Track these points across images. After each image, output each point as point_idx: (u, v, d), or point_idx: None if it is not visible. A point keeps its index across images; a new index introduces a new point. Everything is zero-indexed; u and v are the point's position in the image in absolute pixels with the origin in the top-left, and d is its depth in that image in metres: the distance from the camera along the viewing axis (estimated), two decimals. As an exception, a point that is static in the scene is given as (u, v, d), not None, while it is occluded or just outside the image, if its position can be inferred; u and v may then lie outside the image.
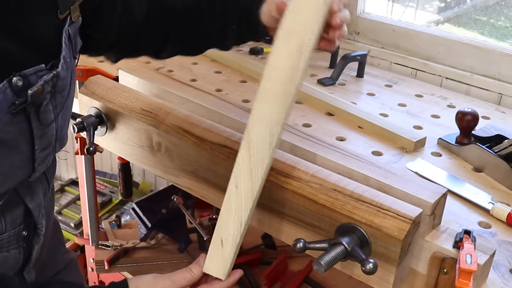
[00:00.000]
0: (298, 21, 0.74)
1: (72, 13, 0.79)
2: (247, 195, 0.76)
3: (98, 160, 2.65)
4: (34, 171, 0.80)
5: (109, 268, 1.61)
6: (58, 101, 0.78)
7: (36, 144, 0.77)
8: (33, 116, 0.74)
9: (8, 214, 0.82)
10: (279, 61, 0.75)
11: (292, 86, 0.74)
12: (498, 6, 1.71)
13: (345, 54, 1.51)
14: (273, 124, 0.75)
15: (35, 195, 0.86)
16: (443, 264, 0.76)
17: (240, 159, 0.77)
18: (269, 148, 0.75)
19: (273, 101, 0.75)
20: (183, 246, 1.65)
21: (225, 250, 0.79)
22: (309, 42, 0.74)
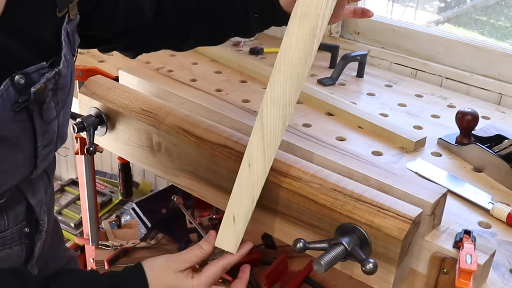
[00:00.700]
0: (311, 5, 0.76)
1: (70, 11, 0.79)
2: (259, 173, 0.79)
3: (98, 160, 2.65)
4: (36, 168, 0.81)
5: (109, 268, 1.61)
6: (59, 98, 0.79)
7: (39, 141, 0.77)
8: (35, 114, 0.75)
9: (11, 211, 0.82)
10: (293, 44, 0.77)
11: (305, 68, 0.77)
12: (498, 6, 1.71)
13: (345, 54, 1.51)
14: (286, 105, 0.77)
15: (37, 192, 0.87)
16: (443, 264, 0.76)
17: (254, 139, 0.79)
18: (282, 129, 0.78)
19: (287, 83, 0.77)
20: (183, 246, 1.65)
21: (237, 226, 0.81)
22: (322, 26, 0.76)
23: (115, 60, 1.60)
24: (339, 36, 1.78)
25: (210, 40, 1.07)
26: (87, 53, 1.64)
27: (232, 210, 0.81)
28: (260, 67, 1.51)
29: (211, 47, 1.66)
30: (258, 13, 0.98)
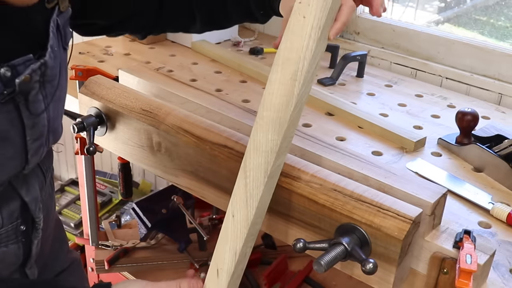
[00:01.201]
0: (293, 49, 0.72)
1: (61, 3, 0.79)
2: (242, 224, 0.76)
3: (98, 160, 2.65)
4: (28, 163, 0.80)
5: (109, 268, 1.61)
6: (48, 91, 0.78)
7: (28, 134, 0.77)
8: (22, 106, 0.74)
9: (5, 208, 0.81)
10: (274, 90, 0.73)
11: (287, 113, 0.72)
12: (498, 6, 1.71)
13: (345, 54, 1.51)
14: (268, 153, 0.73)
15: (31, 188, 0.86)
16: (443, 264, 0.76)
17: (237, 188, 0.76)
18: (264, 176, 0.73)
19: (268, 130, 0.73)
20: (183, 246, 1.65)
21: (221, 280, 0.79)
22: (304, 68, 0.71)
23: (115, 60, 1.60)
24: (339, 36, 1.78)
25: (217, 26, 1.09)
26: (87, 53, 1.64)
27: (216, 263, 0.79)
28: (260, 67, 1.51)
29: (211, 47, 1.66)
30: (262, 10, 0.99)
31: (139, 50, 1.69)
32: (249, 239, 0.77)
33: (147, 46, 1.72)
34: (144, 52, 1.68)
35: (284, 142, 0.74)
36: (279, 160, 0.75)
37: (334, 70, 1.49)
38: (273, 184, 0.76)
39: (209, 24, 1.08)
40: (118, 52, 1.66)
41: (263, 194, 0.75)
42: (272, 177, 0.75)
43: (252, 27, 1.94)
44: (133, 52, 1.67)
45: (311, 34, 0.70)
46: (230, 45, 1.77)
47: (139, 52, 1.67)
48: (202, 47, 1.66)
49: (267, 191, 0.75)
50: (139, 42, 1.75)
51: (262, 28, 1.93)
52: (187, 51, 1.68)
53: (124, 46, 1.73)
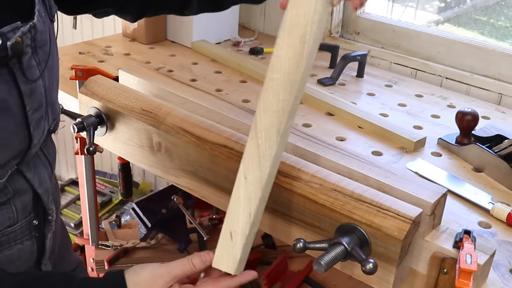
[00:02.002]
0: (300, 14, 0.74)
1: None
2: (255, 185, 0.75)
3: (98, 160, 2.65)
4: (32, 138, 0.79)
5: (109, 268, 1.61)
6: (40, 57, 0.78)
7: (27, 104, 0.76)
8: (17, 72, 0.73)
9: (18, 201, 0.81)
10: (283, 52, 0.75)
11: (298, 74, 0.74)
12: (498, 6, 1.71)
13: (345, 54, 1.51)
14: (280, 113, 0.74)
15: (42, 180, 0.86)
16: (443, 264, 0.76)
17: (249, 149, 0.76)
18: (277, 136, 0.74)
19: (279, 90, 0.74)
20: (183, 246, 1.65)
21: (235, 243, 0.77)
22: (311, 31, 0.74)
23: (115, 60, 1.60)
24: (339, 36, 1.78)
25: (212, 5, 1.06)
26: (87, 53, 1.64)
27: (229, 227, 0.77)
28: (260, 67, 1.51)
29: (211, 47, 1.66)
30: None
31: (139, 50, 1.69)
32: (263, 201, 0.77)
33: (147, 46, 1.72)
34: (144, 52, 1.68)
35: (296, 102, 0.75)
36: (291, 121, 0.76)
37: (334, 70, 1.49)
38: (284, 143, 0.76)
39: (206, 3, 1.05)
40: (118, 52, 1.66)
41: (276, 154, 0.75)
42: (284, 137, 0.76)
43: (252, 27, 1.94)
44: (133, 52, 1.67)
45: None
46: (230, 45, 1.77)
47: (139, 52, 1.67)
48: (202, 47, 1.66)
49: (279, 151, 0.76)
50: (139, 42, 1.75)
51: (262, 28, 1.93)
52: (187, 51, 1.68)
53: (124, 46, 1.73)
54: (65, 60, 1.58)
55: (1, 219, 0.80)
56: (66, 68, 1.51)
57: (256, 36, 1.85)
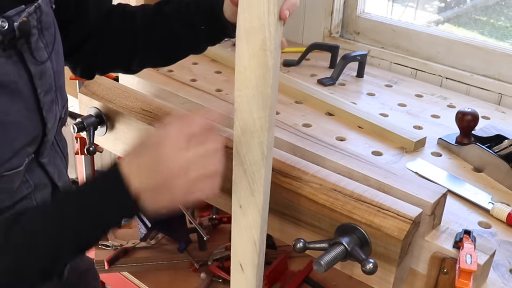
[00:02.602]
0: (253, 17, 0.66)
1: None
2: (253, 212, 0.73)
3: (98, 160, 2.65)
4: (45, 123, 0.79)
5: (109, 268, 1.61)
6: (47, 39, 0.78)
7: (38, 86, 0.76)
8: (26, 54, 0.74)
9: (39, 195, 0.82)
10: (246, 64, 0.69)
11: (267, 86, 0.68)
12: (498, 6, 1.71)
13: (345, 54, 1.51)
14: (259, 132, 0.69)
15: (61, 173, 0.87)
16: (443, 264, 0.76)
17: (237, 176, 0.72)
18: (262, 158, 0.69)
19: (252, 108, 0.69)
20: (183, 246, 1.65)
21: (247, 274, 0.76)
22: (271, 36, 0.66)
23: (115, 60, 1.60)
24: (339, 36, 1.78)
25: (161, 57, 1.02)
26: (87, 53, 1.64)
27: (237, 258, 0.76)
28: (260, 67, 1.50)
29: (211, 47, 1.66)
30: (204, 25, 0.93)
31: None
32: (264, 225, 0.74)
33: (147, 46, 1.72)
34: (144, 52, 1.67)
35: (272, 114, 0.69)
36: (272, 136, 0.70)
37: (334, 70, 1.49)
38: (270, 161, 0.72)
39: (152, 59, 1.01)
40: (118, 52, 1.66)
41: (266, 176, 0.71)
42: (269, 156, 0.71)
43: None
44: (133, 52, 1.66)
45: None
46: (230, 45, 1.77)
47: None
48: (202, 47, 1.66)
49: (268, 171, 0.72)
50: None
51: (262, 28, 1.92)
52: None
53: (124, 46, 1.72)
54: (65, 60, 1.58)
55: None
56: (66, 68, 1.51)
57: (256, 36, 1.85)
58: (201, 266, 1.59)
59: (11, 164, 0.74)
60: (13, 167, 0.75)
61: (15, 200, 0.78)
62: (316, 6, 1.75)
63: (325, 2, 1.73)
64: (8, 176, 0.74)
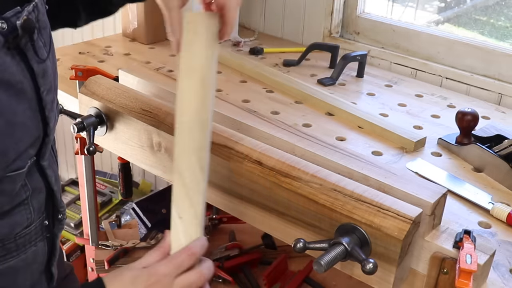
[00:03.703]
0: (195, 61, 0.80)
1: None
2: (192, 222, 0.77)
3: (98, 160, 2.65)
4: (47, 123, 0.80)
5: (109, 268, 1.61)
6: (45, 38, 0.79)
7: (41, 85, 0.77)
8: (29, 52, 0.74)
9: (35, 200, 0.82)
10: (188, 96, 0.79)
11: (207, 113, 0.79)
12: (498, 6, 1.71)
13: (345, 54, 1.51)
14: (199, 150, 0.78)
15: (57, 177, 0.87)
16: (443, 264, 0.76)
17: (176, 190, 0.78)
18: (201, 172, 0.77)
19: (193, 130, 0.78)
20: (183, 246, 1.65)
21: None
22: (209, 75, 0.80)
23: (115, 60, 1.60)
24: (339, 36, 1.78)
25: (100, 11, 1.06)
26: (87, 53, 1.64)
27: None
28: (260, 67, 1.51)
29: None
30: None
31: (139, 50, 1.69)
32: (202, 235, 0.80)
33: (147, 46, 1.72)
34: (144, 52, 1.68)
35: (208, 137, 0.79)
36: (208, 154, 0.79)
37: (334, 70, 1.49)
38: (207, 176, 0.79)
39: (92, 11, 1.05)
40: (118, 52, 1.66)
41: (204, 188, 0.78)
42: (207, 170, 0.78)
43: (252, 27, 1.94)
44: (133, 52, 1.67)
45: (206, 46, 0.81)
46: (230, 45, 1.77)
47: (139, 52, 1.67)
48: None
49: (205, 184, 0.78)
50: (139, 42, 1.75)
51: (262, 28, 1.93)
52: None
53: (124, 46, 1.73)
54: (65, 60, 1.58)
55: (20, 219, 0.80)
56: (66, 68, 1.51)
57: (256, 36, 1.85)
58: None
59: (15, 165, 0.74)
60: (17, 168, 0.75)
61: (13, 205, 0.78)
62: (316, 6, 1.75)
63: (325, 2, 1.73)
64: (11, 177, 0.74)
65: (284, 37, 1.88)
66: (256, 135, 0.95)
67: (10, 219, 0.78)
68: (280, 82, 1.42)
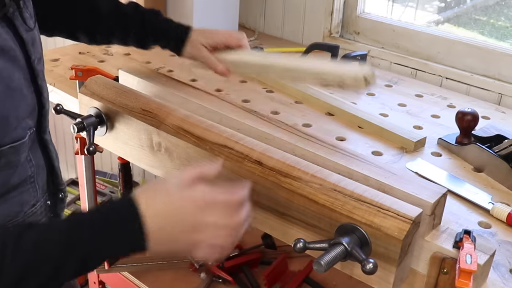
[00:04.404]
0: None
1: None
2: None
3: (98, 160, 2.65)
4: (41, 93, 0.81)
5: (109, 268, 1.61)
6: (30, 10, 0.81)
7: (31, 53, 0.79)
8: (18, 22, 0.76)
9: (39, 177, 0.84)
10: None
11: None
12: (498, 6, 1.71)
13: (345, 54, 1.51)
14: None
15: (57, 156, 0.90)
16: (443, 264, 0.76)
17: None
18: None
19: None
20: (183, 246, 1.65)
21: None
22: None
23: (115, 60, 1.60)
24: (339, 36, 1.78)
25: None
26: (87, 53, 1.64)
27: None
28: (260, 67, 1.50)
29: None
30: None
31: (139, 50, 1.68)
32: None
33: (147, 46, 1.72)
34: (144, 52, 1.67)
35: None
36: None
37: (334, 70, 1.49)
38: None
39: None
40: (118, 52, 1.66)
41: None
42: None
43: (252, 27, 1.94)
44: (133, 52, 1.67)
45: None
46: (230, 45, 1.77)
47: (139, 52, 1.66)
48: (202, 47, 1.66)
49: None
50: (139, 42, 1.74)
51: (262, 28, 1.93)
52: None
53: (124, 46, 1.73)
54: (65, 60, 1.58)
55: (27, 197, 0.82)
56: (66, 68, 1.51)
57: (256, 36, 1.85)
58: (201, 266, 1.59)
59: (16, 133, 0.75)
60: (19, 138, 0.76)
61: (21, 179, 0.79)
62: (316, 6, 1.75)
63: (325, 2, 1.73)
64: (14, 147, 0.76)
65: (284, 37, 1.88)
66: (256, 135, 0.95)
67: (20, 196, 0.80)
68: (280, 82, 1.42)
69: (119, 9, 1.14)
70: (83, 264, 0.67)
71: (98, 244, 0.67)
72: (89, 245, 0.66)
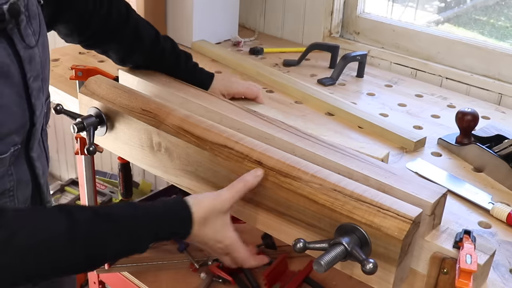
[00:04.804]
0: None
1: None
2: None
3: (98, 160, 2.65)
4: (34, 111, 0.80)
5: (109, 268, 1.61)
6: (34, 27, 0.79)
7: (27, 71, 0.77)
8: (16, 37, 0.75)
9: (20, 193, 0.82)
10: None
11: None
12: (498, 6, 1.71)
13: (345, 54, 1.51)
14: None
15: (45, 171, 0.88)
16: (443, 264, 0.76)
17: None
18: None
19: None
20: (183, 246, 1.65)
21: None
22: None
23: (115, 60, 1.60)
24: (339, 36, 1.78)
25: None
26: (87, 53, 1.64)
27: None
28: (260, 67, 1.51)
29: (211, 47, 1.66)
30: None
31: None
32: None
33: (147, 46, 1.72)
34: (144, 52, 1.67)
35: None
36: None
37: (334, 70, 1.49)
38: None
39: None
40: (118, 52, 1.66)
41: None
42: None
43: (252, 27, 1.94)
44: (133, 52, 1.66)
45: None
46: (230, 45, 1.77)
47: (139, 52, 1.66)
48: (202, 47, 1.66)
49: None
50: (139, 42, 1.74)
51: (262, 28, 1.93)
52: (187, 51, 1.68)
53: (124, 46, 1.72)
54: (65, 60, 1.58)
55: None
56: (66, 68, 1.51)
57: (256, 36, 1.85)
58: (201, 266, 1.59)
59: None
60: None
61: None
62: (316, 6, 1.75)
63: (325, 2, 1.73)
64: None
65: (284, 37, 1.88)
66: (256, 135, 0.95)
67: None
68: (280, 82, 1.42)
69: (159, 44, 1.18)
70: (156, 237, 0.78)
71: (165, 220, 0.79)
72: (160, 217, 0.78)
